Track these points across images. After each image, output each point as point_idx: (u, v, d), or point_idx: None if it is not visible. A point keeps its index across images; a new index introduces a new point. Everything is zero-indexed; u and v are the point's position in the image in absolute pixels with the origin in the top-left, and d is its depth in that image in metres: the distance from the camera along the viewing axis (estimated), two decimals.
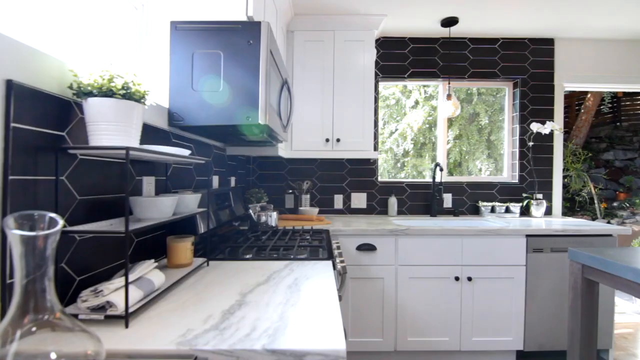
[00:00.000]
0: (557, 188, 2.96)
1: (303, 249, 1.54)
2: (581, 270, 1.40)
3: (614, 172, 5.97)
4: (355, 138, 2.53)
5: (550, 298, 2.28)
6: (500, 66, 2.95)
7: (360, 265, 2.21)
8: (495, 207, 2.81)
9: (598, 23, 2.68)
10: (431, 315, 2.25)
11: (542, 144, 2.95)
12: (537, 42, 2.95)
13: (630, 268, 1.18)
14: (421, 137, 3.92)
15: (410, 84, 3.16)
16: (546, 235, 2.26)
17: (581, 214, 5.42)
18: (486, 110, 3.73)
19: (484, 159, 3.70)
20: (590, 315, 1.41)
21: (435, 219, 2.75)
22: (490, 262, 2.24)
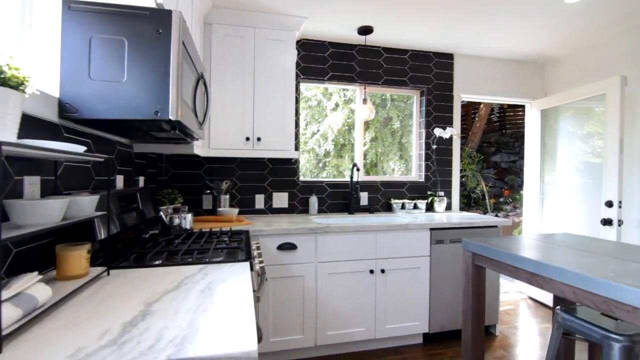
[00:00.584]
0: (455, 186, 3.35)
1: (220, 252, 1.49)
2: (472, 257, 1.61)
3: (500, 172, 6.98)
4: (277, 137, 2.53)
5: (450, 284, 2.57)
6: (410, 75, 3.23)
7: (281, 264, 2.21)
8: (405, 204, 3.07)
9: (488, 44, 3.11)
10: (349, 308, 2.36)
11: (443, 147, 3.31)
12: (440, 56, 3.30)
13: (508, 254, 1.40)
14: (341, 139, 4.08)
15: (330, 86, 3.27)
16: (446, 228, 2.54)
17: (476, 209, 6.22)
18: (398, 115, 4.04)
19: (396, 160, 4.01)
20: (479, 296, 1.62)
21: (352, 216, 2.90)
22: (400, 254, 2.44)
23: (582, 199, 3.04)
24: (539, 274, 1.25)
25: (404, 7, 2.44)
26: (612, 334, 1.33)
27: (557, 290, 1.18)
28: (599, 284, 1.03)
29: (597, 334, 1.39)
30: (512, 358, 2.41)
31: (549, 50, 3.26)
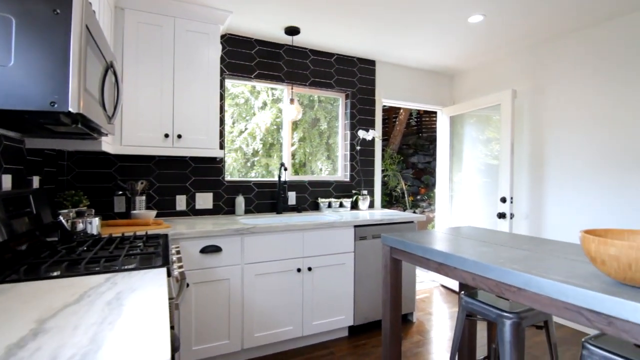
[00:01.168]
0: (378, 185, 3.55)
1: (132, 258, 1.37)
2: (390, 251, 1.73)
3: (418, 172, 7.60)
4: (200, 135, 2.41)
5: (372, 277, 2.72)
6: (335, 78, 3.34)
7: (204, 268, 2.12)
8: (331, 202, 3.16)
9: (406, 54, 3.36)
10: (276, 308, 2.35)
11: (367, 149, 3.49)
12: (363, 61, 3.47)
13: (420, 247, 1.53)
14: (270, 138, 4.05)
15: (258, 84, 3.23)
16: (369, 225, 2.68)
17: (396, 206, 6.68)
18: (325, 117, 4.15)
19: (324, 160, 4.11)
20: (396, 287, 1.75)
21: (280, 216, 2.89)
22: (326, 251, 2.51)
23: (483, 196, 3.47)
24: (445, 264, 1.39)
25: (328, 12, 2.52)
26: (504, 312, 1.54)
27: (460, 277, 1.33)
28: (492, 269, 1.18)
29: (492, 314, 1.59)
30: (428, 342, 2.64)
31: (457, 63, 3.65)
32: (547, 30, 2.84)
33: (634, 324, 0.85)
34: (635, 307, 0.84)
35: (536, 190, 3.15)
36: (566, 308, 0.99)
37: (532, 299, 1.08)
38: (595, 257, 0.97)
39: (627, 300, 0.85)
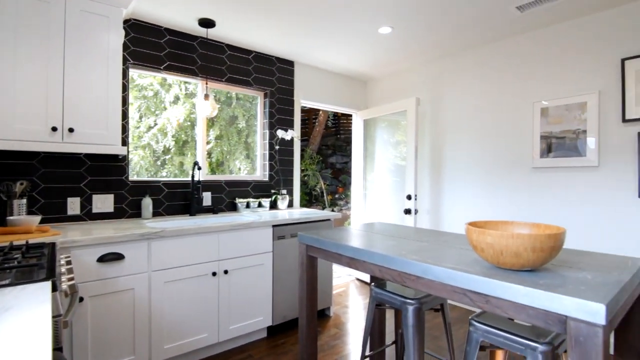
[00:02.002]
0: (297, 184, 3.60)
1: (7, 273, 1.16)
2: (306, 249, 1.77)
3: (336, 172, 7.90)
4: (97, 129, 2.15)
5: (291, 276, 2.74)
6: (254, 76, 3.28)
7: (103, 279, 1.89)
8: (250, 203, 3.10)
9: (324, 58, 3.46)
10: (189, 315, 2.22)
11: (286, 148, 3.51)
12: (282, 61, 3.48)
13: (333, 243, 1.59)
14: (183, 135, 3.80)
15: (169, 77, 3.00)
16: (287, 224, 2.70)
17: (316, 205, 6.85)
18: (244, 115, 4.05)
19: (242, 159, 4.01)
20: (312, 284, 1.79)
21: (194, 217, 2.74)
22: (244, 253, 2.45)
23: (393, 194, 3.76)
24: (356, 258, 1.47)
25: (245, 8, 2.46)
26: (407, 299, 1.69)
27: (368, 270, 1.42)
28: (395, 261, 1.29)
29: (398, 302, 1.74)
30: (344, 333, 2.77)
31: (370, 70, 3.89)
32: (447, 46, 3.20)
33: (505, 301, 1.01)
34: (504, 286, 0.99)
35: (436, 188, 3.53)
36: (454, 291, 1.13)
37: (428, 285, 1.20)
38: (476, 245, 1.12)
39: (499, 281, 1.01)
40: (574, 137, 2.61)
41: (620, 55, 2.42)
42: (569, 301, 0.87)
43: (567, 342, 0.88)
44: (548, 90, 2.76)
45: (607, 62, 2.47)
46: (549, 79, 2.76)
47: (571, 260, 1.26)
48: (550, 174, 2.75)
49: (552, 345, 1.23)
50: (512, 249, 1.03)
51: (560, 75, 2.70)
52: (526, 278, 1.03)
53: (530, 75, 2.87)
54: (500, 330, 1.33)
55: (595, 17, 2.53)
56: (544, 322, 0.93)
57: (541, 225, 1.20)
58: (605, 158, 2.48)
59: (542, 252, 1.02)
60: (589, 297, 0.87)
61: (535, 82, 2.84)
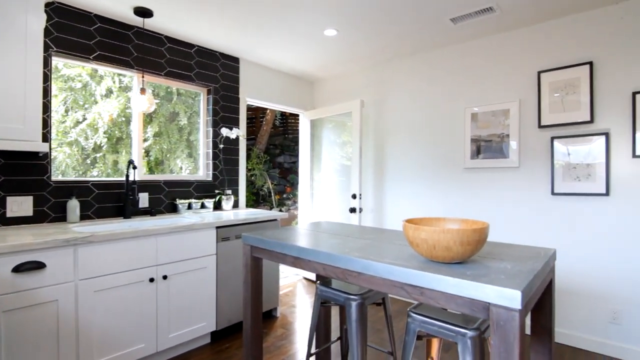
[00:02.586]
0: (242, 184, 3.52)
1: None
2: (250, 250, 1.73)
3: (284, 171, 7.87)
4: (12, 123, 1.91)
5: (235, 278, 2.68)
6: (196, 71, 3.15)
7: (20, 291, 1.69)
8: (192, 203, 2.97)
9: (270, 57, 3.42)
10: (124, 326, 2.06)
11: (231, 147, 3.42)
12: (227, 57, 3.38)
13: (278, 243, 1.58)
14: (117, 131, 3.52)
15: (100, 68, 2.75)
16: (232, 225, 2.63)
17: (263, 205, 6.76)
18: (185, 111, 3.87)
19: (184, 158, 3.82)
20: (256, 285, 1.76)
21: (129, 220, 2.55)
22: (185, 256, 2.34)
23: (339, 193, 3.84)
24: (300, 257, 1.48)
25: None
26: (350, 295, 1.74)
27: (313, 268, 1.44)
28: (339, 258, 1.32)
29: (342, 298, 1.78)
30: (291, 333, 2.76)
31: (316, 71, 3.93)
32: (389, 52, 3.34)
33: (437, 292, 1.08)
34: (436, 278, 1.06)
35: (379, 187, 3.68)
36: (393, 285, 1.18)
37: (369, 280, 1.25)
38: (412, 241, 1.19)
39: (432, 273, 1.08)
40: (499, 140, 2.87)
41: (537, 68, 2.71)
42: (491, 289, 0.96)
43: (490, 326, 0.97)
44: (478, 97, 3.01)
45: (526, 74, 2.76)
46: (479, 87, 3.01)
47: (495, 252, 1.39)
48: (479, 174, 3.00)
49: (479, 331, 1.34)
50: (443, 244, 1.11)
51: (487, 84, 2.96)
52: (456, 270, 1.11)
53: (462, 82, 3.10)
54: (435, 320, 1.43)
55: (517, 33, 2.81)
56: (470, 310, 1.01)
57: (469, 221, 1.30)
58: (524, 159, 2.77)
59: (469, 246, 1.11)
60: (507, 285, 0.96)
61: (467, 89, 3.08)
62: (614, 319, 2.41)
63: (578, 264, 2.54)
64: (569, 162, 2.55)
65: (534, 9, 2.49)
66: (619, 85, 2.39)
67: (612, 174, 2.41)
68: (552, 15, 2.57)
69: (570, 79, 2.54)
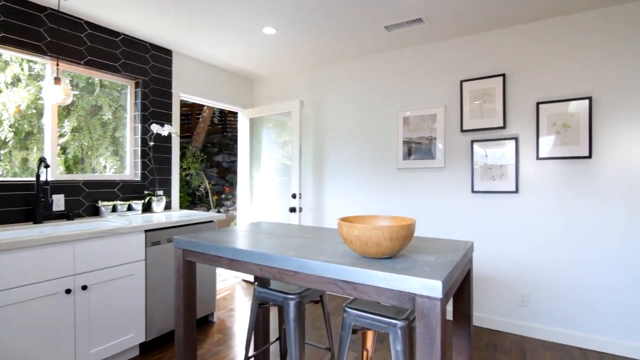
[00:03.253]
0: (175, 184, 3.33)
1: None
2: (182, 254, 1.65)
3: (222, 171, 7.60)
4: None
5: (167, 284, 2.52)
6: (122, 62, 2.91)
7: None
8: (117, 206, 2.73)
9: (207, 51, 3.28)
10: (36, 344, 1.83)
11: (162, 145, 3.21)
12: (158, 49, 3.17)
13: (212, 245, 1.52)
14: (27, 125, 3.10)
15: (3, 52, 2.40)
16: (163, 228, 2.48)
17: (200, 206, 6.47)
18: (110, 105, 3.54)
19: (108, 156, 3.50)
20: (189, 291, 1.68)
21: (40, 225, 2.27)
22: (109, 264, 2.14)
23: (280, 193, 3.82)
24: (236, 259, 1.44)
25: None
26: (288, 295, 1.74)
27: (249, 270, 1.41)
28: (275, 258, 1.31)
29: (280, 298, 1.77)
30: (229, 338, 2.68)
31: (256, 69, 3.87)
32: (328, 54, 3.40)
33: (368, 286, 1.13)
34: (368, 273, 1.11)
35: (319, 186, 3.73)
36: (328, 282, 1.21)
37: (305, 279, 1.26)
38: (346, 238, 1.23)
39: (364, 268, 1.12)
40: (428, 142, 3.09)
41: (460, 78, 2.97)
42: (416, 281, 1.03)
43: (416, 315, 1.04)
44: (409, 102, 3.21)
45: (451, 82, 3.01)
46: (410, 92, 3.21)
47: (422, 246, 1.49)
48: (410, 174, 3.20)
49: (408, 321, 1.43)
50: (374, 240, 1.16)
51: (417, 90, 3.17)
52: (386, 264, 1.17)
53: (396, 87, 3.28)
54: (368, 313, 1.49)
55: (444, 44, 3.05)
56: (398, 301, 1.07)
57: (398, 218, 1.38)
58: (449, 160, 3.01)
59: (397, 241, 1.17)
60: (430, 276, 1.04)
61: (399, 94, 3.26)
62: (522, 302, 2.74)
63: (493, 254, 2.84)
64: (486, 163, 2.83)
65: (456, 24, 2.72)
66: (526, 96, 2.71)
67: (520, 174, 2.73)
68: (472, 30, 2.83)
69: (487, 88, 2.83)
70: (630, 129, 2.38)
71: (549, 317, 2.64)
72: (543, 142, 2.63)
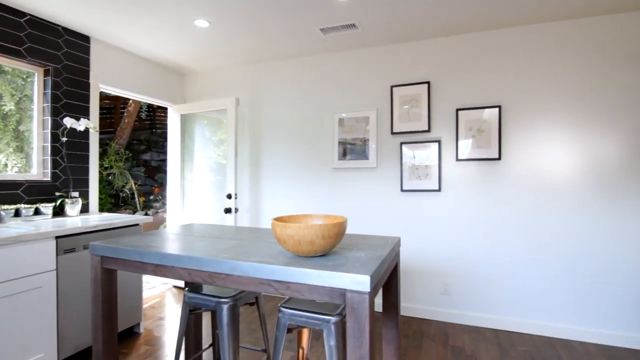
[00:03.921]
0: (94, 185, 3.02)
1: None
2: (100, 261, 1.50)
3: (151, 170, 7.08)
4: None
5: (84, 296, 2.28)
6: (28, 46, 2.56)
7: None
8: (21, 209, 2.40)
9: (133, 40, 3.02)
10: None
11: (77, 141, 2.89)
12: (73, 34, 2.85)
13: (135, 251, 1.41)
14: None
15: None
16: (78, 233, 2.23)
17: (125, 208, 5.95)
18: (13, 94, 3.09)
19: (10, 153, 3.05)
20: (110, 302, 1.54)
21: None
22: (9, 276, 1.87)
23: (215, 193, 3.67)
24: (162, 265, 1.36)
25: None
26: (221, 299, 1.68)
27: (177, 275, 1.33)
28: (205, 261, 1.26)
29: (213, 303, 1.70)
30: (157, 349, 2.50)
31: (188, 63, 3.67)
32: (264, 52, 3.36)
33: (301, 284, 1.14)
34: (301, 272, 1.12)
35: (255, 186, 3.67)
36: (261, 283, 1.19)
37: (237, 281, 1.23)
38: (279, 238, 1.23)
39: (297, 267, 1.13)
40: (361, 144, 3.22)
41: (390, 83, 3.14)
42: (346, 277, 1.06)
43: (346, 310, 1.08)
44: (344, 104, 3.31)
45: (382, 87, 3.17)
46: (345, 94, 3.31)
47: (354, 243, 1.55)
48: (346, 174, 3.30)
49: (341, 316, 1.48)
50: (307, 238, 1.18)
51: (352, 92, 3.28)
52: (318, 262, 1.19)
53: (332, 89, 3.36)
54: (303, 311, 1.50)
55: (376, 50, 3.20)
56: (330, 297, 1.10)
57: (331, 217, 1.42)
58: (381, 161, 3.17)
59: (330, 239, 1.20)
60: (359, 271, 1.08)
61: (335, 96, 3.35)
62: (445, 291, 2.99)
63: (420, 248, 3.06)
64: (414, 164, 3.04)
65: (386, 32, 2.87)
66: (448, 102, 2.97)
67: (443, 174, 2.98)
68: (402, 38, 3.02)
69: (414, 94, 3.03)
70: (532, 134, 2.74)
71: (467, 303, 2.93)
72: (462, 145, 2.90)
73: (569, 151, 2.65)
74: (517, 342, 2.61)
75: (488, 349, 2.52)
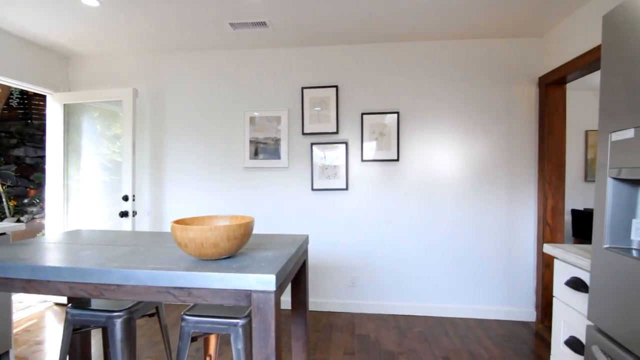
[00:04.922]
0: None
1: None
2: None
3: (24, 168, 5.97)
4: None
5: None
6: None
7: None
8: None
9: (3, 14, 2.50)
10: None
11: None
12: None
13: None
14: None
15: None
16: None
17: None
18: None
19: None
20: None
21: None
22: None
23: (109, 194, 3.27)
24: (35, 280, 1.16)
25: None
26: (113, 312, 1.51)
27: (54, 290, 1.15)
28: (90, 273, 1.12)
29: (103, 318, 1.52)
30: None
31: (74, 46, 3.19)
32: (168, 41, 3.10)
33: (204, 289, 1.09)
34: (203, 276, 1.07)
35: (157, 188, 3.38)
36: (158, 291, 1.10)
37: (130, 292, 1.12)
38: (180, 242, 1.15)
39: (199, 272, 1.08)
40: (273, 143, 3.22)
41: (301, 84, 3.20)
42: (252, 277, 1.05)
43: (252, 311, 1.07)
44: (256, 103, 3.26)
45: (294, 88, 3.21)
46: (257, 93, 3.26)
47: (263, 243, 1.54)
48: (257, 173, 3.26)
49: (249, 318, 1.45)
50: (211, 241, 1.13)
51: (264, 91, 3.25)
52: (223, 265, 1.15)
53: (243, 86, 3.28)
54: (208, 317, 1.44)
55: (288, 51, 3.22)
56: (235, 300, 1.08)
57: (238, 217, 1.39)
58: (293, 161, 3.21)
59: (235, 240, 1.17)
60: (265, 271, 1.08)
61: (246, 94, 3.28)
62: (352, 284, 3.17)
63: (328, 244, 3.19)
64: (324, 164, 3.15)
65: (298, 34, 2.92)
66: (354, 106, 3.15)
67: (349, 174, 3.16)
68: (312, 42, 3.10)
69: (324, 97, 3.15)
70: (424, 139, 3.08)
71: (372, 293, 3.15)
72: (366, 147, 3.11)
73: (454, 154, 3.05)
74: (414, 324, 2.91)
75: (389, 333, 2.75)
